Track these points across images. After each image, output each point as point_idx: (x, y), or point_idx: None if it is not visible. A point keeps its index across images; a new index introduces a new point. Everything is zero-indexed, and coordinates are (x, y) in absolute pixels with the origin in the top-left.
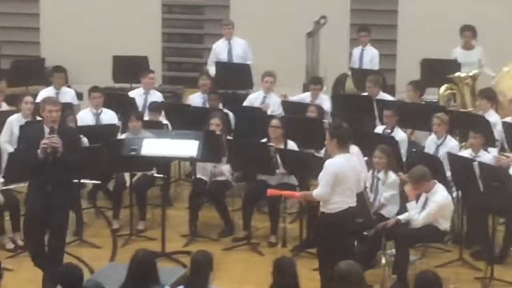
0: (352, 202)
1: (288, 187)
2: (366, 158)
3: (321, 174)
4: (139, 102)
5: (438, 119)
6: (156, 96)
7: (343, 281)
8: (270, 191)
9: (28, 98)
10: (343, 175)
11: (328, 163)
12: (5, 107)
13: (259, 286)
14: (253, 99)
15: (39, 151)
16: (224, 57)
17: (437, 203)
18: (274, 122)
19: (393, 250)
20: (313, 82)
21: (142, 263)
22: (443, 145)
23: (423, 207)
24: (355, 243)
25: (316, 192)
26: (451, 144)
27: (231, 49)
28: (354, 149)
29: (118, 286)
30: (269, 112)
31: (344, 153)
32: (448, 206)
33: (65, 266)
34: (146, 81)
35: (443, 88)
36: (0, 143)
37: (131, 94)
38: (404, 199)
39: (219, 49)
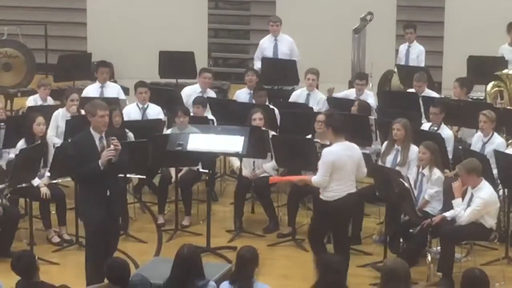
0: (350, 189)
1: None
2: None
3: (319, 162)
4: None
5: (485, 116)
6: (211, 95)
7: (390, 278)
8: (272, 179)
9: (74, 96)
10: (340, 162)
11: (325, 151)
12: (50, 101)
13: (304, 282)
14: (297, 96)
15: (100, 162)
16: (269, 53)
17: (482, 200)
18: (320, 117)
19: (439, 248)
20: (358, 77)
21: (187, 258)
22: (490, 142)
23: (469, 204)
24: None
25: (314, 179)
26: (498, 141)
27: (277, 46)
28: (414, 149)
29: (163, 280)
30: (316, 109)
31: (341, 141)
32: (494, 203)
33: (112, 260)
34: (201, 81)
35: (490, 85)
36: (47, 138)
37: (186, 90)
38: (449, 197)
39: (265, 45)
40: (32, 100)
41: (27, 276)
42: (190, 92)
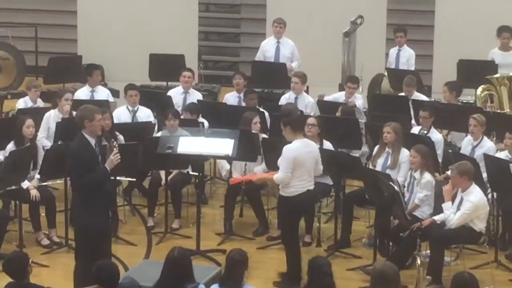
0: (310, 185)
1: (323, 187)
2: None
3: (280, 159)
4: (179, 101)
5: (475, 120)
6: (196, 96)
7: (379, 281)
8: (233, 180)
9: (68, 95)
10: (300, 159)
11: (286, 148)
12: (40, 103)
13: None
14: (285, 99)
15: (108, 166)
16: (271, 55)
17: (472, 203)
18: (311, 120)
19: (428, 251)
20: (350, 81)
21: (178, 260)
22: (479, 146)
23: (458, 207)
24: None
25: (277, 177)
26: (488, 145)
27: (279, 48)
28: (405, 152)
29: (152, 283)
30: (304, 113)
31: (300, 138)
32: (484, 207)
33: (101, 263)
34: (181, 80)
35: (480, 89)
36: (37, 139)
37: (170, 92)
38: (439, 201)
39: (267, 47)
40: (23, 102)
41: (18, 277)
42: (173, 94)
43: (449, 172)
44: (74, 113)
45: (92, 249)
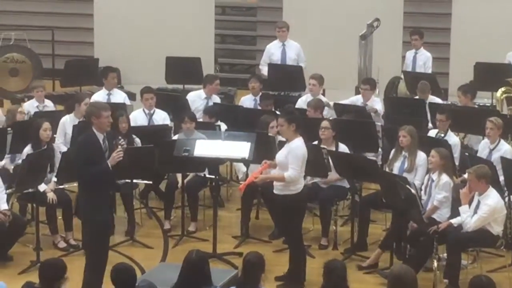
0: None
1: (339, 190)
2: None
3: (291, 157)
4: (200, 105)
5: (491, 123)
6: (216, 100)
7: (396, 285)
8: (240, 188)
9: (88, 100)
10: (305, 157)
11: (296, 147)
12: (49, 103)
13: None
14: (302, 102)
15: (110, 163)
16: (277, 58)
17: (489, 207)
18: (324, 123)
19: (445, 254)
20: (363, 82)
21: (196, 263)
22: (496, 149)
23: (475, 211)
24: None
25: (289, 175)
26: (505, 148)
27: (285, 51)
28: (421, 155)
29: (169, 286)
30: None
31: (299, 137)
32: (501, 210)
33: (118, 265)
34: (212, 88)
35: (499, 91)
36: (55, 145)
37: (191, 95)
38: (456, 204)
39: (273, 51)
40: (28, 105)
41: (48, 285)
42: (194, 97)
43: (466, 175)
44: None
45: (97, 246)
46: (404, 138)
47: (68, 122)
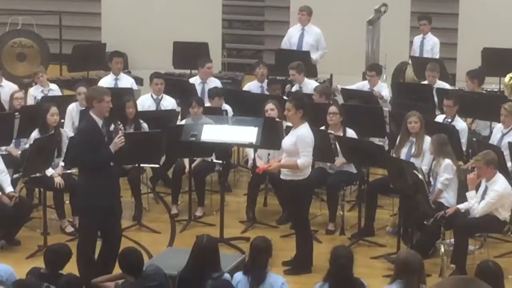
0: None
1: (347, 176)
2: None
3: (301, 145)
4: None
5: (505, 110)
6: (215, 83)
7: (403, 270)
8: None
9: (81, 89)
10: (313, 141)
11: (304, 132)
12: (54, 87)
13: (317, 273)
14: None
15: (111, 147)
16: (295, 41)
17: (497, 192)
18: (332, 109)
19: (452, 240)
20: (368, 69)
21: (206, 248)
22: (508, 134)
23: (483, 197)
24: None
25: (302, 162)
26: None
27: (303, 35)
28: (428, 140)
29: (177, 270)
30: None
31: (304, 123)
32: (508, 196)
33: (126, 250)
34: (204, 71)
35: (507, 77)
36: (62, 130)
37: (189, 81)
38: (463, 189)
39: (292, 33)
40: (34, 90)
41: (53, 270)
42: (191, 83)
43: (472, 161)
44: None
45: (92, 229)
46: (416, 124)
47: (75, 110)
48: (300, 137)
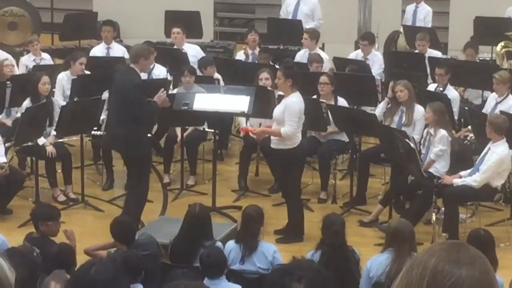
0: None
1: (338, 144)
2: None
3: (288, 113)
4: None
5: (495, 79)
6: (194, 50)
7: (394, 238)
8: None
9: (83, 59)
10: (302, 111)
11: (291, 101)
12: (46, 56)
13: (309, 241)
14: (300, 56)
15: (156, 99)
16: (291, 10)
17: (498, 156)
18: (323, 79)
19: (443, 208)
20: (361, 38)
21: (198, 217)
22: (502, 103)
23: (483, 158)
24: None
25: (285, 131)
26: (511, 103)
27: (299, 4)
28: (419, 109)
29: (168, 239)
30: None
31: (296, 92)
32: (507, 163)
33: (117, 219)
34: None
35: (499, 46)
36: (53, 98)
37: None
38: (456, 158)
39: (289, 2)
40: (26, 59)
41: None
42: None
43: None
44: (87, 72)
45: (146, 177)
46: (402, 93)
47: (65, 79)
48: (287, 106)
